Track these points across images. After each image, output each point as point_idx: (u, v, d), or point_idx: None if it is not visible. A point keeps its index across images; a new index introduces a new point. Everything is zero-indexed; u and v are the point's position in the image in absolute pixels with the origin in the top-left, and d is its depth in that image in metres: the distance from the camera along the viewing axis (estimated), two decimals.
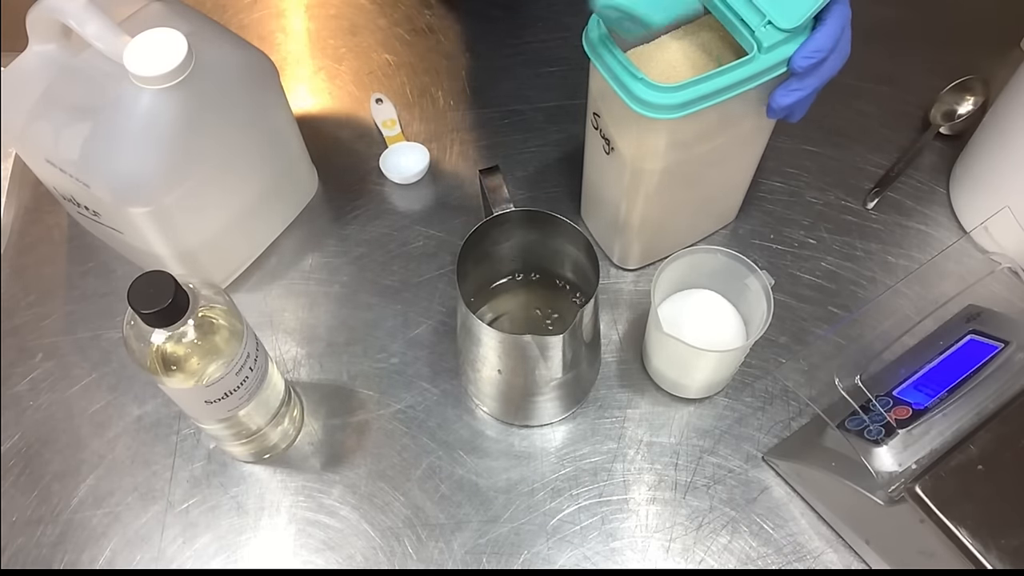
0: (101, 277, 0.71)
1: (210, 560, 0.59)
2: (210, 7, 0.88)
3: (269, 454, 0.62)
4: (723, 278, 0.62)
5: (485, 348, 0.56)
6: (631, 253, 0.68)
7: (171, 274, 0.45)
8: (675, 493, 0.61)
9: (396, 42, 0.85)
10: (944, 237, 0.72)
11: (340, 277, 0.71)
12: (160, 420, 0.64)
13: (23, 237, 0.73)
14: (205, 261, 0.66)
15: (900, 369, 0.56)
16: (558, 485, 0.61)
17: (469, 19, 0.87)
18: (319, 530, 0.60)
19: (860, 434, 0.52)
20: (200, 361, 0.50)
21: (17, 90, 0.58)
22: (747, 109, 0.56)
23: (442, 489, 0.61)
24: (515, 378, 0.58)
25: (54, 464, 0.62)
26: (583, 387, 0.63)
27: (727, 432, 0.63)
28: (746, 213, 0.74)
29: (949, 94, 0.79)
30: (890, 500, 0.50)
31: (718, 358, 0.59)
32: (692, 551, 0.58)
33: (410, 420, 0.64)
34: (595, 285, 0.54)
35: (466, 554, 0.58)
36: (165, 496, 0.61)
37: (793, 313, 0.68)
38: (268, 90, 0.64)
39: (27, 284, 0.71)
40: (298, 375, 0.66)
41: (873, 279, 0.70)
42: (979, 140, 0.71)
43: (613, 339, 0.67)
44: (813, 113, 0.57)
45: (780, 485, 0.61)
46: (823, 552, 0.58)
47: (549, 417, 0.63)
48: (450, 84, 0.82)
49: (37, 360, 0.67)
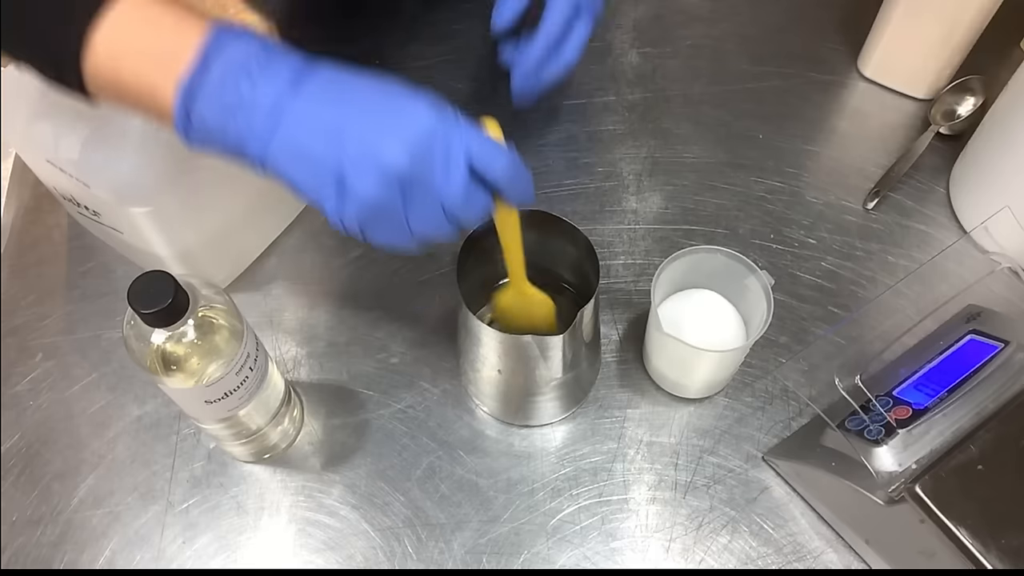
0: (101, 277, 0.71)
1: (210, 560, 0.59)
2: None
3: (269, 454, 0.62)
4: (723, 278, 0.62)
5: (485, 348, 0.56)
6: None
7: (171, 274, 0.45)
8: (675, 493, 0.61)
9: (396, 42, 0.85)
10: (944, 237, 0.72)
11: (340, 277, 0.71)
12: (160, 420, 0.64)
13: (23, 237, 0.73)
14: (205, 261, 0.66)
15: (900, 369, 0.56)
16: (558, 485, 0.61)
17: (469, 19, 0.87)
18: (319, 530, 0.60)
19: (860, 434, 0.52)
20: (200, 361, 0.50)
21: (18, 90, 0.58)
22: None
23: (442, 489, 0.61)
24: (515, 378, 0.58)
25: (54, 464, 0.62)
26: (583, 387, 0.63)
27: (727, 432, 0.63)
28: (746, 213, 0.74)
29: (949, 94, 0.79)
30: (890, 500, 0.50)
31: (718, 358, 0.59)
32: (692, 551, 0.58)
33: (410, 420, 0.64)
34: (595, 285, 0.54)
35: (466, 554, 0.58)
36: (165, 496, 0.61)
37: (793, 313, 0.68)
38: None
39: (27, 284, 0.71)
40: (298, 375, 0.66)
41: (873, 279, 0.70)
42: (979, 140, 0.71)
43: (613, 339, 0.67)
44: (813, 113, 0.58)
45: (780, 485, 0.61)
46: (823, 552, 0.58)
47: (549, 417, 0.63)
48: (450, 84, 0.82)
49: (37, 360, 0.67)
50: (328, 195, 0.41)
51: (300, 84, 0.41)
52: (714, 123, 0.80)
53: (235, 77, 0.40)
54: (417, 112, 0.41)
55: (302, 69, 0.42)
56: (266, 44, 0.42)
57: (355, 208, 0.41)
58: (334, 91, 0.42)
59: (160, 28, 0.41)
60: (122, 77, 0.42)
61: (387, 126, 0.41)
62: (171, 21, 0.41)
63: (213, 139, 0.42)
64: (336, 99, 0.42)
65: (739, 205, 0.74)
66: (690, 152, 0.78)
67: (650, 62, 0.85)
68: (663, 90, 0.82)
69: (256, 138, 0.41)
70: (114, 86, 0.42)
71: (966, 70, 0.78)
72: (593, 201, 0.75)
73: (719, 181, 0.76)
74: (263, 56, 0.41)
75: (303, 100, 0.41)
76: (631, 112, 0.81)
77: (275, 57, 0.42)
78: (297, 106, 0.41)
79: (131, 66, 0.41)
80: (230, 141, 0.42)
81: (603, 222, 0.73)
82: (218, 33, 0.41)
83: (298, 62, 0.42)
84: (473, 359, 0.58)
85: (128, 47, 0.41)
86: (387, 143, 0.40)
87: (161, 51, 0.41)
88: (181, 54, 0.40)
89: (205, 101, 0.41)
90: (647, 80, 0.83)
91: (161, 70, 0.41)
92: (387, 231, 0.43)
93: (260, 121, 0.41)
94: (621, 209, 0.74)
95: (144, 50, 0.41)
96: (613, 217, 0.74)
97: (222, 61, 0.40)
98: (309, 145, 0.41)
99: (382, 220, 0.42)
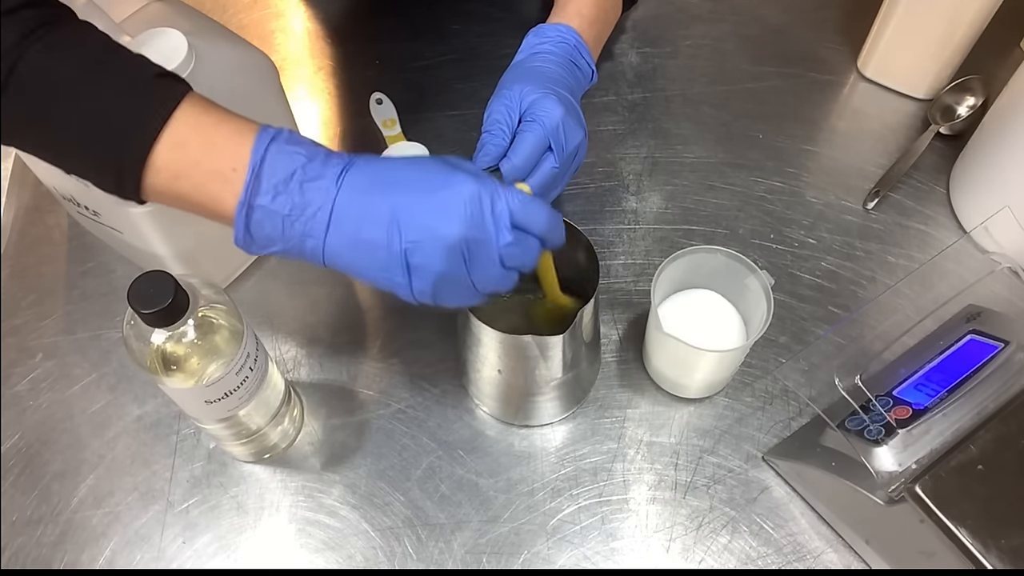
0: (101, 277, 0.71)
1: (210, 560, 0.59)
2: (210, 7, 0.88)
3: (269, 454, 0.62)
4: (723, 278, 0.62)
5: (485, 348, 0.56)
6: None
7: (171, 274, 0.45)
8: (675, 493, 0.61)
9: (396, 42, 0.85)
10: (944, 237, 0.72)
11: (340, 277, 0.70)
12: (160, 420, 0.64)
13: (23, 237, 0.73)
14: (205, 261, 0.66)
15: (900, 369, 0.56)
16: (558, 485, 0.61)
17: (469, 19, 0.87)
18: (319, 530, 0.60)
19: (860, 434, 0.52)
20: (200, 361, 0.50)
21: None
22: None
23: (442, 489, 0.61)
24: (515, 378, 0.58)
25: (54, 464, 0.62)
26: (583, 387, 0.63)
27: (727, 432, 0.63)
28: (746, 213, 0.74)
29: (949, 94, 0.79)
30: (890, 500, 0.50)
31: (718, 358, 0.59)
32: (692, 551, 0.58)
33: (410, 420, 0.64)
34: (595, 285, 0.54)
35: (466, 554, 0.58)
36: (165, 496, 0.61)
37: (793, 313, 0.68)
38: (268, 90, 0.64)
39: (27, 284, 0.71)
40: (298, 375, 0.66)
41: (873, 279, 0.70)
42: (979, 140, 0.71)
43: (613, 339, 0.67)
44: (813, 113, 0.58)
45: (780, 485, 0.61)
46: (823, 552, 0.58)
47: (549, 417, 0.63)
48: (450, 84, 0.82)
49: (37, 360, 0.67)
50: (398, 278, 0.45)
51: (346, 181, 0.44)
52: (714, 123, 0.80)
53: (286, 189, 0.43)
54: (460, 183, 0.44)
55: (345, 167, 0.45)
56: (309, 150, 0.45)
57: (427, 283, 0.45)
58: (380, 181, 0.45)
59: (216, 144, 0.44)
60: (183, 191, 0.45)
61: (438, 204, 0.44)
62: (226, 133, 0.44)
63: (274, 245, 0.45)
64: (383, 188, 0.44)
65: (739, 205, 0.74)
66: (690, 152, 0.78)
67: (650, 62, 0.85)
68: (663, 90, 0.82)
69: (312, 237, 0.44)
70: (174, 197, 0.45)
71: (966, 70, 0.78)
72: (593, 201, 0.75)
73: (719, 181, 0.76)
74: (308, 165, 0.44)
75: (352, 194, 0.44)
76: (631, 112, 0.81)
77: (317, 162, 0.44)
78: (347, 202, 0.44)
79: (192, 181, 0.44)
80: (291, 244, 0.45)
81: (603, 222, 0.73)
82: (264, 147, 0.44)
83: (339, 161, 0.45)
84: (473, 359, 0.58)
85: (187, 164, 0.44)
86: (442, 219, 0.43)
87: (219, 167, 0.44)
88: (238, 167, 0.43)
89: (261, 215, 0.44)
90: (647, 80, 0.83)
91: (220, 183, 0.44)
92: (457, 294, 0.46)
93: (314, 223, 0.44)
94: (621, 209, 0.74)
95: (202, 165, 0.44)
96: (613, 217, 0.74)
97: (270, 176, 0.43)
98: (367, 235, 0.44)
99: (452, 286, 0.45)
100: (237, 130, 0.44)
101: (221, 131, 0.44)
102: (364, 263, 0.45)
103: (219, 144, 0.44)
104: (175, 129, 0.43)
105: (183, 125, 0.44)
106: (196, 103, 0.45)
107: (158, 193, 0.45)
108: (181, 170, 0.44)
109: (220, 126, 0.44)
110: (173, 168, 0.44)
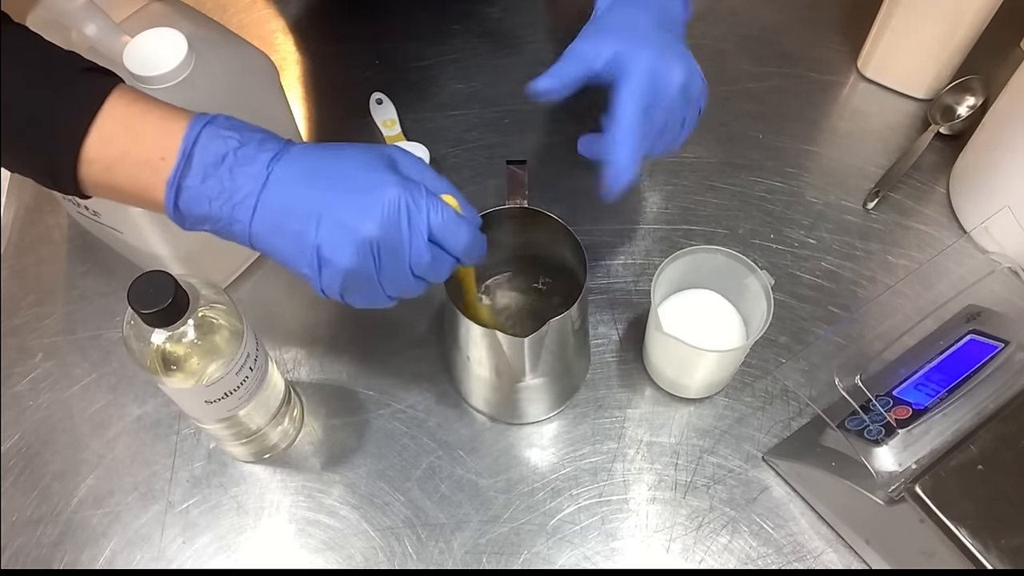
0: (101, 277, 0.71)
1: (210, 560, 0.59)
2: (210, 7, 0.88)
3: (269, 454, 0.62)
4: (723, 278, 0.62)
5: (461, 338, 0.57)
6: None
7: (171, 274, 0.45)
8: (675, 493, 0.61)
9: (396, 42, 0.85)
10: (944, 237, 0.72)
11: None
12: (160, 420, 0.64)
13: (23, 237, 0.73)
14: (205, 261, 0.66)
15: (900, 369, 0.56)
16: (558, 485, 0.61)
17: (469, 20, 0.87)
18: (319, 530, 0.60)
19: (860, 434, 0.52)
20: (200, 361, 0.50)
21: None
22: None
23: (442, 489, 0.61)
24: (481, 369, 0.58)
25: (54, 464, 0.62)
26: (572, 383, 0.63)
27: (727, 432, 0.63)
28: (746, 213, 0.74)
29: (949, 94, 0.79)
30: (890, 500, 0.50)
31: (718, 358, 0.59)
32: (692, 551, 0.58)
33: (410, 420, 0.64)
34: (583, 282, 0.54)
35: (466, 554, 0.58)
36: (165, 496, 0.61)
37: (793, 313, 0.68)
38: (268, 90, 0.64)
39: (27, 284, 0.71)
40: (298, 375, 0.66)
41: (873, 279, 0.70)
42: (979, 140, 0.71)
43: (613, 339, 0.67)
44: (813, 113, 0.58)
45: (780, 485, 0.61)
46: (823, 552, 0.58)
47: (535, 415, 0.63)
48: (450, 84, 0.82)
49: (37, 360, 0.67)
50: (310, 268, 0.45)
51: (275, 170, 0.45)
52: (714, 123, 0.80)
53: (215, 172, 0.44)
54: (386, 187, 0.45)
55: (277, 155, 0.45)
56: (243, 134, 0.45)
57: (335, 279, 0.45)
58: (309, 173, 0.45)
59: (143, 135, 0.45)
60: (117, 181, 0.46)
61: (359, 204, 0.44)
62: (152, 123, 0.45)
63: (203, 224, 0.46)
64: (310, 182, 0.45)
65: (739, 205, 0.74)
66: (690, 152, 0.78)
67: None
68: None
69: (239, 222, 0.45)
70: (109, 189, 0.46)
71: (966, 70, 0.78)
72: (593, 201, 0.75)
73: (719, 181, 0.76)
74: (240, 149, 0.45)
75: (279, 184, 0.45)
76: None
77: (251, 147, 0.45)
78: (274, 191, 0.45)
79: (123, 172, 0.45)
80: (220, 226, 0.46)
81: (603, 222, 0.73)
82: (197, 131, 0.44)
83: (273, 148, 0.46)
84: (452, 345, 0.59)
85: (116, 156, 0.45)
86: (359, 219, 0.44)
87: (147, 156, 0.44)
88: (167, 156, 0.44)
89: (190, 195, 0.45)
90: None
91: (149, 173, 0.45)
92: (364, 294, 0.47)
93: (241, 208, 0.45)
94: (621, 209, 0.74)
95: (132, 156, 0.45)
96: (613, 217, 0.74)
97: (201, 158, 0.44)
98: (288, 225, 0.45)
99: (359, 285, 0.46)
100: (164, 119, 0.45)
101: (147, 122, 0.45)
102: (282, 252, 0.46)
103: (146, 135, 0.45)
104: (102, 123, 0.44)
105: (109, 119, 0.44)
106: (124, 95, 0.45)
107: (95, 185, 0.46)
108: (112, 163, 0.45)
109: (146, 116, 0.45)
110: (104, 162, 0.45)
